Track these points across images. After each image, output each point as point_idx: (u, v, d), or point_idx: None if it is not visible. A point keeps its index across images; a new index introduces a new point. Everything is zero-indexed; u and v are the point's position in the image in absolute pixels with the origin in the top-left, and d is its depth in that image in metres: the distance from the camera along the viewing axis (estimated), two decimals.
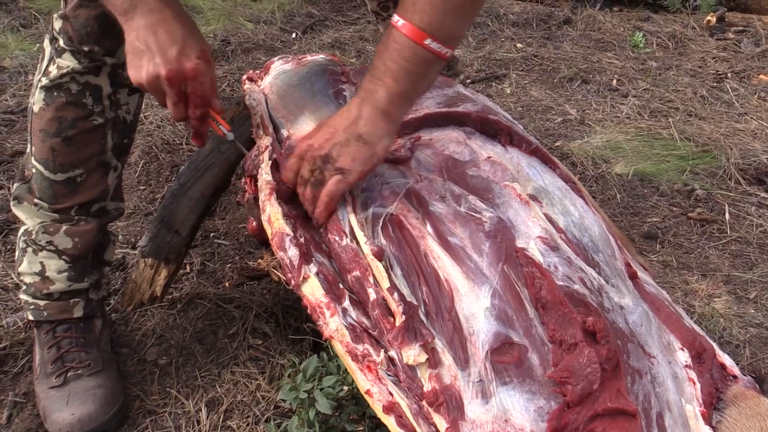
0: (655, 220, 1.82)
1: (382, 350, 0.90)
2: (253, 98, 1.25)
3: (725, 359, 1.08)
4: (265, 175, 1.07)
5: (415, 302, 0.91)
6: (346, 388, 1.01)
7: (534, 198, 1.09)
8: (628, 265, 1.14)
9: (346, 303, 0.94)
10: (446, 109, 1.21)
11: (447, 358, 0.87)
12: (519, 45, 2.98)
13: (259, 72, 1.37)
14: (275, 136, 1.16)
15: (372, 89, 0.98)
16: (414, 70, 0.96)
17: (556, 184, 1.17)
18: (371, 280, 0.94)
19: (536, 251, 0.98)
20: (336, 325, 0.91)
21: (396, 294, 0.91)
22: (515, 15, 3.29)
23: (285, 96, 1.24)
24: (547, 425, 0.84)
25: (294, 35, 2.97)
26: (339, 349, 0.91)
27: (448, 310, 0.91)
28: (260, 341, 1.36)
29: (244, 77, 1.37)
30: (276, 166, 1.09)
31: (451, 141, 1.16)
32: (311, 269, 0.96)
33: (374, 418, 1.01)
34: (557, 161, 1.28)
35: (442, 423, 0.84)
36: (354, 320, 0.93)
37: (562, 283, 0.95)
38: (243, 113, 1.30)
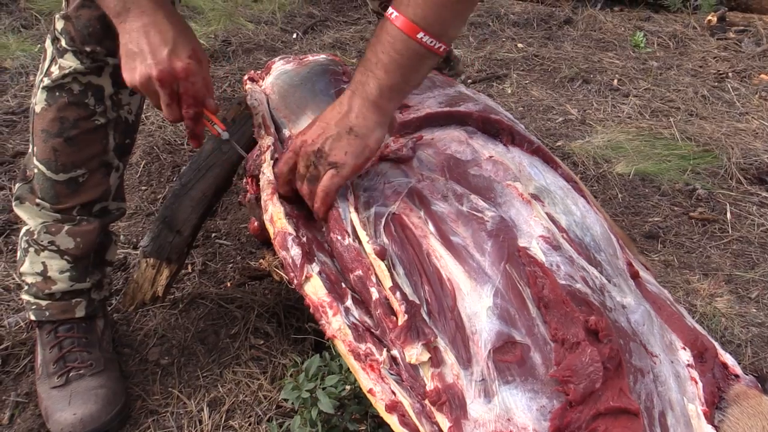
0: (656, 219, 1.82)
1: (385, 349, 0.90)
2: (255, 98, 1.25)
3: (727, 358, 1.08)
4: (267, 174, 1.07)
5: (418, 301, 0.91)
6: (348, 387, 1.01)
7: (536, 197, 1.09)
8: (629, 264, 1.14)
9: (349, 302, 0.94)
10: (448, 109, 1.21)
11: (449, 357, 0.87)
12: (520, 45, 2.98)
13: (260, 72, 1.37)
14: (277, 136, 1.16)
15: (363, 81, 0.97)
16: (406, 63, 0.96)
17: (558, 184, 1.17)
18: (374, 279, 0.94)
19: (538, 250, 0.98)
20: (338, 324, 0.91)
21: (398, 293, 0.91)
22: (516, 15, 3.29)
23: (286, 96, 1.24)
24: (550, 424, 0.84)
25: (295, 35, 2.98)
26: (341, 348, 0.91)
27: (450, 309, 0.91)
28: (262, 341, 1.36)
29: (246, 77, 1.37)
30: None
31: (452, 140, 1.16)
32: (314, 268, 0.96)
33: (377, 418, 1.01)
34: (559, 161, 1.28)
35: (444, 422, 0.84)
36: (356, 319, 0.93)
37: (564, 282, 0.95)
38: (244, 113, 1.30)
